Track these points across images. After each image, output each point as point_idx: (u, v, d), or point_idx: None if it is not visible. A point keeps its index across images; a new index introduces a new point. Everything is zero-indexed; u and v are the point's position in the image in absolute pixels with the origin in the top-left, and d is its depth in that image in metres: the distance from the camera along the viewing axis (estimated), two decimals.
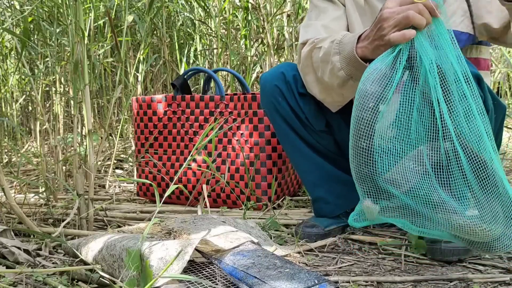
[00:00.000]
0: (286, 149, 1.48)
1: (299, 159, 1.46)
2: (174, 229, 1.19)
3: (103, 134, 2.68)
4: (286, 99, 1.39)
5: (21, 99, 3.13)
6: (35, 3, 2.38)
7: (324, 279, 0.95)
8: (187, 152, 1.82)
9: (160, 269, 0.96)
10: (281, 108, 1.40)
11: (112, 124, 2.90)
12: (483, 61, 1.39)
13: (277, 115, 1.42)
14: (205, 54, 3.16)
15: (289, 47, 2.95)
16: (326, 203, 1.45)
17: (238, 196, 1.74)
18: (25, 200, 1.61)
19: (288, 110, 1.40)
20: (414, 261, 1.22)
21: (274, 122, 1.44)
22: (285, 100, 1.40)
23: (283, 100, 1.40)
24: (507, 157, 2.47)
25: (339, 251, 1.32)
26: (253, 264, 1.01)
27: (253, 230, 1.29)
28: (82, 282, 1.09)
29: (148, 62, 2.61)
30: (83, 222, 1.45)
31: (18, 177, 1.84)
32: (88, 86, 1.47)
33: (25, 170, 2.46)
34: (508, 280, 1.08)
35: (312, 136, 1.42)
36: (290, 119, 1.41)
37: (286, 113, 1.41)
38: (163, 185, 1.86)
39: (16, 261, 1.19)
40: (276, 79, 1.40)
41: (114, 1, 2.54)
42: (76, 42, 1.49)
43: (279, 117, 1.42)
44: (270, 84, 1.41)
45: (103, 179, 2.23)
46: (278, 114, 1.42)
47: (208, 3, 3.00)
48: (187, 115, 1.81)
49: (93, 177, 1.47)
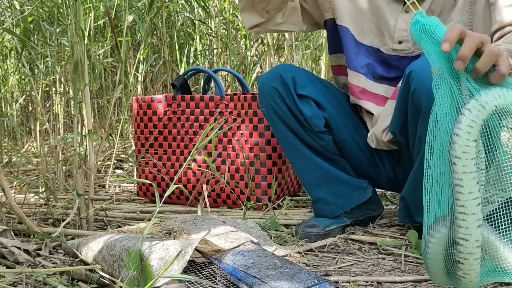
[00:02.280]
0: (285, 150, 1.48)
1: (298, 160, 1.46)
2: (174, 229, 1.19)
3: (103, 134, 2.68)
4: (284, 100, 1.39)
5: (21, 99, 3.13)
6: (35, 3, 2.38)
7: (324, 279, 0.95)
8: (187, 152, 1.82)
9: (160, 269, 0.96)
10: (280, 110, 1.40)
11: (112, 124, 2.90)
12: None
13: (275, 117, 1.42)
14: (205, 54, 3.16)
15: (289, 47, 2.95)
16: (327, 203, 1.45)
17: (238, 196, 1.74)
18: (25, 200, 1.61)
19: (287, 111, 1.40)
20: (414, 261, 1.22)
21: (273, 124, 1.44)
22: (283, 101, 1.40)
23: (281, 102, 1.40)
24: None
25: (339, 251, 1.32)
26: (253, 264, 1.01)
27: (253, 230, 1.29)
28: (82, 282, 1.09)
29: (148, 62, 2.61)
30: (83, 222, 1.45)
31: (18, 177, 1.84)
32: (88, 86, 1.47)
33: (25, 170, 2.46)
34: None
35: (311, 137, 1.42)
36: (288, 120, 1.41)
37: (284, 114, 1.40)
38: (163, 185, 1.86)
39: (16, 261, 1.19)
40: (273, 81, 1.40)
41: (114, 1, 2.54)
42: (76, 42, 1.49)
43: (278, 118, 1.42)
44: (268, 86, 1.41)
45: (103, 179, 2.23)
46: (276, 116, 1.42)
47: (208, 3, 3.00)
48: (187, 115, 1.81)
49: (93, 177, 1.47)
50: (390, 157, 1.47)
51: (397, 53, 1.38)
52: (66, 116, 3.16)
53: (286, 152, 1.47)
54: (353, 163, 1.48)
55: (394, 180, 1.49)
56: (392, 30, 1.37)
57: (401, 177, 1.45)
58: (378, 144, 1.41)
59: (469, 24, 1.28)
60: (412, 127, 1.24)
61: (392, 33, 1.37)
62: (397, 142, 1.38)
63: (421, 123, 1.20)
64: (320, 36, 2.98)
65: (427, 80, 1.16)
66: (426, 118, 1.17)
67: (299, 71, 1.42)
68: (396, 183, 1.49)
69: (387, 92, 1.40)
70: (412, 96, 1.20)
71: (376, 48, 1.40)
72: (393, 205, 1.74)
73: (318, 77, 1.49)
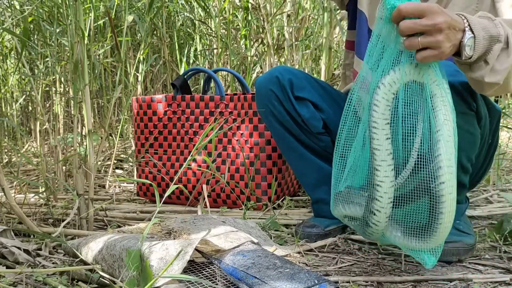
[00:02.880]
0: (284, 152, 1.48)
1: (297, 162, 1.46)
2: (174, 229, 1.19)
3: (103, 134, 2.68)
4: (281, 103, 1.39)
5: (21, 99, 3.13)
6: (35, 3, 2.38)
7: (324, 279, 0.95)
8: (187, 152, 1.82)
9: (160, 269, 0.96)
10: (277, 112, 1.40)
11: (112, 124, 2.90)
12: None
13: (273, 119, 1.42)
14: (205, 54, 3.16)
15: (289, 47, 2.95)
16: (326, 203, 1.45)
17: (238, 196, 1.74)
18: (25, 200, 1.61)
19: (284, 114, 1.40)
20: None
21: (271, 126, 1.44)
22: (281, 104, 1.40)
23: (278, 104, 1.40)
24: (507, 157, 2.47)
25: (339, 251, 1.32)
26: (253, 264, 1.01)
27: (253, 230, 1.29)
28: (82, 282, 1.09)
29: (148, 62, 2.61)
30: (83, 222, 1.45)
31: (18, 177, 1.84)
32: (88, 86, 1.47)
33: (25, 170, 2.46)
34: (508, 280, 1.08)
35: (310, 139, 1.42)
36: (286, 122, 1.41)
37: (282, 117, 1.41)
38: (163, 185, 1.86)
39: (16, 261, 1.19)
40: (270, 83, 1.40)
41: (114, 1, 2.54)
42: (76, 42, 1.49)
43: (275, 121, 1.42)
44: (265, 89, 1.41)
45: (103, 179, 2.23)
46: (274, 118, 1.42)
47: (208, 3, 3.00)
48: (187, 115, 1.81)
49: (93, 177, 1.47)
50: None
51: None
52: (66, 116, 3.16)
53: (285, 154, 1.47)
54: None
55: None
56: None
57: None
58: None
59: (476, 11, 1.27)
60: None
61: None
62: None
63: None
64: (320, 36, 2.98)
65: None
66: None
67: (296, 73, 1.42)
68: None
69: None
70: None
71: None
72: None
73: (315, 78, 1.49)
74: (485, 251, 1.27)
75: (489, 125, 1.28)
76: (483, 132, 1.26)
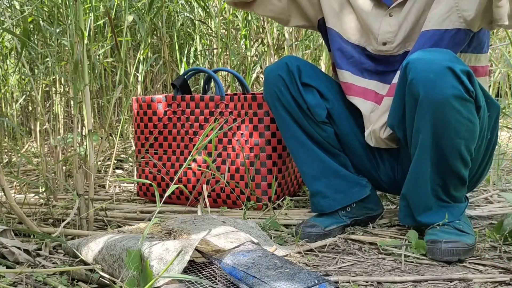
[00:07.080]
0: (286, 140, 1.49)
1: (299, 151, 1.47)
2: (174, 229, 1.19)
3: (103, 134, 2.68)
4: (288, 88, 1.42)
5: (21, 99, 3.12)
6: (35, 3, 2.37)
7: (324, 279, 0.95)
8: (187, 152, 1.82)
9: (160, 269, 0.96)
10: (283, 98, 1.42)
11: (112, 124, 2.90)
12: (481, 68, 1.41)
13: (279, 105, 1.44)
14: (205, 54, 3.16)
15: (289, 47, 2.95)
16: (325, 197, 1.45)
17: (238, 196, 1.74)
18: (25, 200, 1.61)
19: (290, 100, 1.42)
20: (414, 261, 1.22)
21: (276, 112, 1.46)
22: (288, 89, 1.42)
23: (285, 90, 1.42)
24: (507, 157, 2.47)
25: (339, 251, 1.32)
26: (253, 264, 1.01)
27: (253, 230, 1.29)
28: (82, 282, 1.09)
29: (148, 62, 2.61)
30: (83, 222, 1.45)
31: (18, 177, 1.84)
32: (88, 86, 1.47)
33: (25, 170, 2.46)
34: (508, 280, 1.08)
35: (313, 128, 1.44)
36: (291, 109, 1.42)
37: (288, 103, 1.42)
38: (163, 185, 1.86)
39: (16, 261, 1.19)
40: (279, 69, 1.43)
41: (114, 1, 2.54)
42: (76, 42, 1.49)
43: (281, 106, 1.44)
44: (274, 74, 1.43)
45: (103, 179, 2.23)
46: (280, 104, 1.44)
47: (208, 3, 3.00)
48: (187, 115, 1.81)
49: (93, 177, 1.47)
50: (389, 155, 1.47)
51: (382, 53, 1.41)
52: (66, 116, 3.16)
53: (288, 142, 1.48)
54: (353, 158, 1.49)
55: (393, 180, 1.49)
56: (376, 33, 1.39)
57: (400, 176, 1.46)
58: (377, 142, 1.42)
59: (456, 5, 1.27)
60: (410, 118, 1.26)
61: (376, 35, 1.39)
62: (395, 139, 1.39)
63: (418, 114, 1.22)
64: (320, 36, 2.98)
65: (424, 71, 1.18)
66: (423, 108, 1.20)
67: (304, 62, 1.45)
68: (396, 183, 1.49)
69: (377, 87, 1.42)
70: (409, 87, 1.22)
71: (363, 47, 1.43)
72: (393, 205, 1.74)
73: (322, 71, 1.52)
74: (485, 251, 1.27)
75: (488, 119, 1.29)
76: (482, 124, 1.27)
